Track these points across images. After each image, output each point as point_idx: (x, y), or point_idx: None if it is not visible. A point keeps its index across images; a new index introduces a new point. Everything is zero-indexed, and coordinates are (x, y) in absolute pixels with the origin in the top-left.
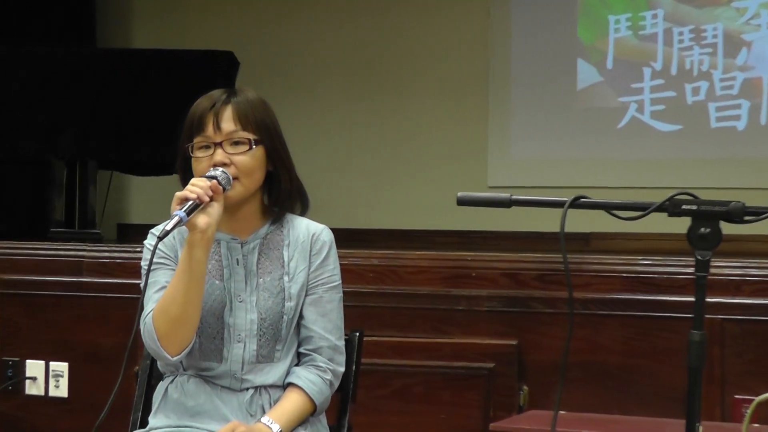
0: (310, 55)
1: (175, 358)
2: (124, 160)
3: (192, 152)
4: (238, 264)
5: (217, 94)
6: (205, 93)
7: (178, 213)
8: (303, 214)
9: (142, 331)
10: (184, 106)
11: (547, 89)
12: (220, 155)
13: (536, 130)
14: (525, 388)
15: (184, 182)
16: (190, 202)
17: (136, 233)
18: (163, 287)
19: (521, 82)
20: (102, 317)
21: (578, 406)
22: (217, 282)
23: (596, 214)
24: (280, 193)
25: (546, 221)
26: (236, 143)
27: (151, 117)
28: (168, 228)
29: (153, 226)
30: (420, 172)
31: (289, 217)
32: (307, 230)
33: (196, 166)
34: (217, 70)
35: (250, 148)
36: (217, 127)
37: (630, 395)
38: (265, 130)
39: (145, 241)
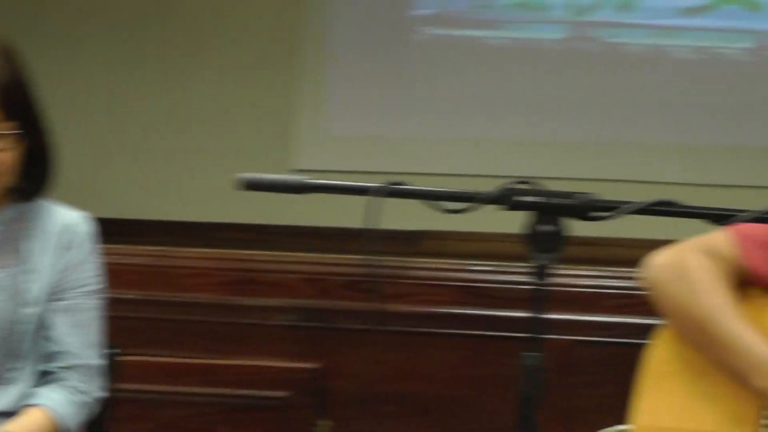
0: None
1: None
2: None
3: None
4: None
5: None
6: None
7: None
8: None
9: None
10: None
11: (377, 38)
12: None
13: (362, 98)
14: (327, 422)
15: None
16: None
17: None
18: None
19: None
20: None
21: None
22: None
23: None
24: (42, 175)
25: (362, 215)
26: None
27: None
28: None
29: None
30: (204, 150)
31: (40, 203)
32: (59, 219)
33: None
34: None
35: (19, 141)
36: None
37: None
38: (28, 108)
39: None
